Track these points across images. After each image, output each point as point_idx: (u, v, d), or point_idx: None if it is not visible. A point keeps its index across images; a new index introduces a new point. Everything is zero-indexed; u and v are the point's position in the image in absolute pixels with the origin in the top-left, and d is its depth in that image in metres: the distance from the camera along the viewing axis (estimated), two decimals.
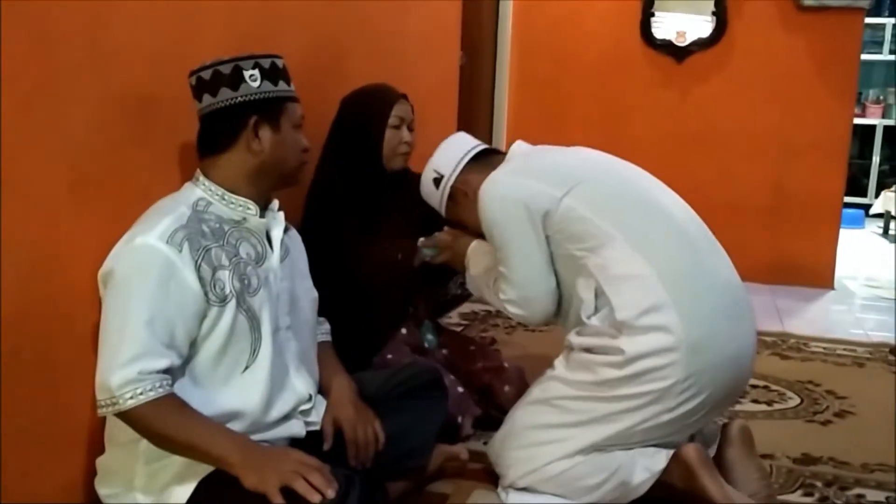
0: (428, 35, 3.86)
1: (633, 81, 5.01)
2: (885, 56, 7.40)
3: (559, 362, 2.16)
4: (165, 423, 1.57)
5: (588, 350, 2.06)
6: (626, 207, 2.14)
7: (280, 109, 1.81)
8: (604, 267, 2.05)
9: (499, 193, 2.15)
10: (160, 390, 1.56)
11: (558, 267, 2.16)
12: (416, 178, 2.59)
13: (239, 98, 1.77)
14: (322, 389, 1.97)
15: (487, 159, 2.31)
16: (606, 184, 2.20)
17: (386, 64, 3.25)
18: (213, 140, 1.81)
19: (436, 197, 2.35)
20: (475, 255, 2.35)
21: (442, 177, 2.31)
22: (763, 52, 4.71)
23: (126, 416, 1.57)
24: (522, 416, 2.17)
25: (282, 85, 1.82)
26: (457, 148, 2.36)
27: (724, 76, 4.81)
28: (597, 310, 2.07)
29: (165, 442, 1.59)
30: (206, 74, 1.78)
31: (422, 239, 2.45)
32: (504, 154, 2.34)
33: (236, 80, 1.77)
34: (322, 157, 2.57)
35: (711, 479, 1.94)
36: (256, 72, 1.78)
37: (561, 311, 2.21)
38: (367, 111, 2.55)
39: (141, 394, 1.54)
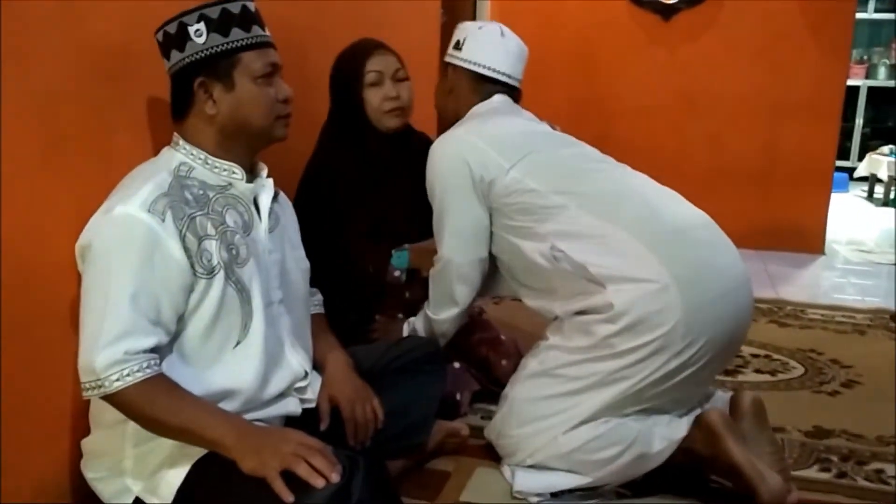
0: None
1: (619, 41, 4.90)
2: (870, 15, 7.33)
3: (552, 331, 2.09)
4: (155, 406, 1.47)
5: (580, 313, 1.99)
6: (575, 176, 2.13)
7: (231, 63, 1.63)
8: (557, 232, 2.03)
9: (448, 150, 2.18)
10: (148, 371, 1.46)
11: (509, 238, 2.14)
12: (419, 137, 2.45)
13: (186, 59, 1.63)
14: (316, 365, 1.88)
15: (486, 87, 2.32)
16: (555, 156, 2.20)
17: (366, 22, 3.14)
18: (175, 105, 1.69)
19: (448, 50, 2.39)
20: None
21: (460, 50, 2.35)
22: (754, 9, 4.61)
23: (113, 400, 1.47)
24: (522, 390, 2.08)
25: (236, 34, 1.63)
26: (497, 58, 2.35)
27: (713, 35, 4.71)
28: (557, 272, 2.02)
29: (156, 425, 1.50)
30: (160, 35, 1.66)
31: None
32: (509, 104, 2.33)
33: (182, 38, 1.62)
34: (323, 128, 2.43)
35: (736, 443, 1.89)
36: (202, 25, 1.61)
37: (504, 282, 2.27)
38: (343, 73, 2.38)
39: (128, 375, 1.44)
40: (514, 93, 2.36)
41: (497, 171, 2.10)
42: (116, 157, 1.74)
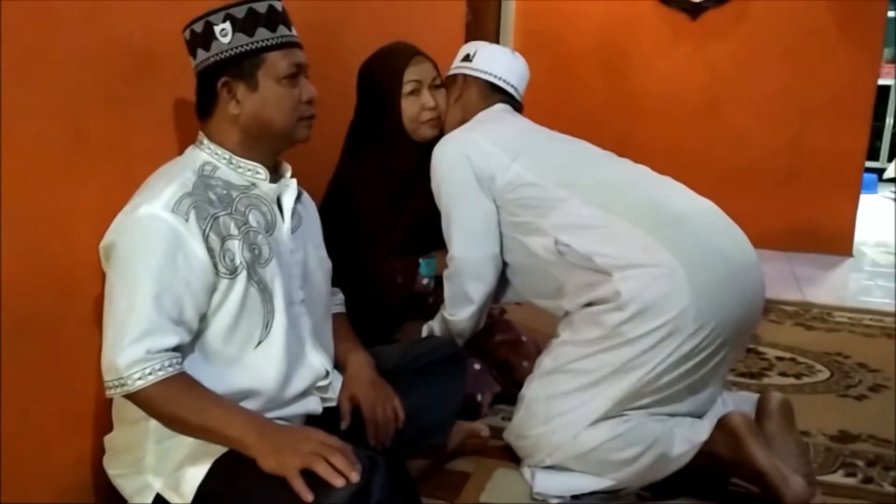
0: None
1: (644, 39, 4.86)
2: None
3: (562, 327, 2.10)
4: (177, 404, 1.48)
5: (588, 304, 1.99)
6: (576, 168, 2.17)
7: (256, 64, 1.63)
8: (560, 225, 2.04)
9: (449, 149, 2.20)
10: (170, 369, 1.47)
11: (514, 237, 2.16)
12: None
13: (211, 58, 1.63)
14: (338, 364, 1.88)
15: (494, 97, 2.36)
16: (555, 150, 2.23)
17: (392, 20, 3.14)
18: (200, 104, 1.70)
19: (454, 63, 2.42)
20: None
21: (470, 62, 2.37)
22: (782, 7, 4.55)
23: (135, 398, 1.48)
24: (537, 389, 2.07)
25: (261, 34, 1.62)
26: (508, 71, 2.39)
27: (740, 33, 4.66)
28: (563, 266, 2.03)
29: (178, 424, 1.51)
30: (187, 33, 1.66)
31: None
32: (511, 110, 2.38)
33: (208, 37, 1.63)
34: (349, 133, 2.40)
35: (759, 447, 1.87)
36: (227, 25, 1.61)
37: (516, 284, 2.27)
38: (379, 80, 2.31)
39: (150, 374, 1.45)
40: (517, 106, 2.42)
41: (498, 165, 2.13)
42: (141, 157, 1.74)
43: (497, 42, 4.98)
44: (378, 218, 2.31)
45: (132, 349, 1.44)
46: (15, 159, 1.49)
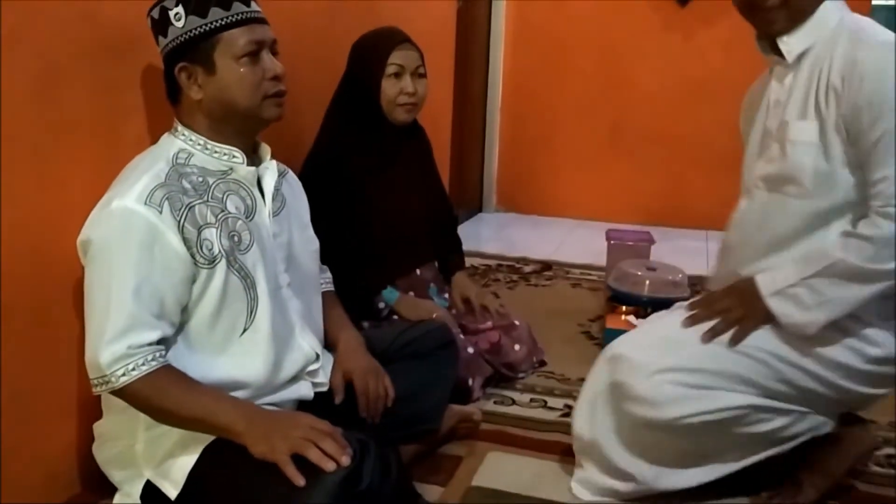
0: None
1: (634, 26, 4.85)
2: (889, 1, 7.22)
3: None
4: (163, 397, 1.48)
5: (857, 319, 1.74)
6: None
7: (211, 45, 1.57)
8: None
9: None
10: (153, 363, 1.47)
11: None
12: (422, 131, 2.48)
13: (169, 44, 1.61)
14: (328, 344, 1.88)
15: None
16: None
17: (383, 4, 3.15)
18: (168, 91, 1.67)
19: None
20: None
21: None
22: None
23: (121, 394, 1.48)
24: (691, 341, 1.78)
25: (215, 13, 1.57)
26: None
27: (729, 20, 4.54)
28: None
29: (166, 416, 1.51)
30: (149, 21, 1.64)
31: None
32: None
33: (165, 23, 1.60)
34: (331, 103, 2.43)
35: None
36: (180, 8, 1.57)
37: None
38: (365, 59, 2.38)
39: (133, 370, 1.45)
40: None
41: None
42: (126, 141, 1.74)
43: (489, 30, 4.99)
44: (356, 183, 2.35)
45: (114, 346, 1.44)
46: (2, 145, 1.48)
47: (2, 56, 1.47)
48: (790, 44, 1.78)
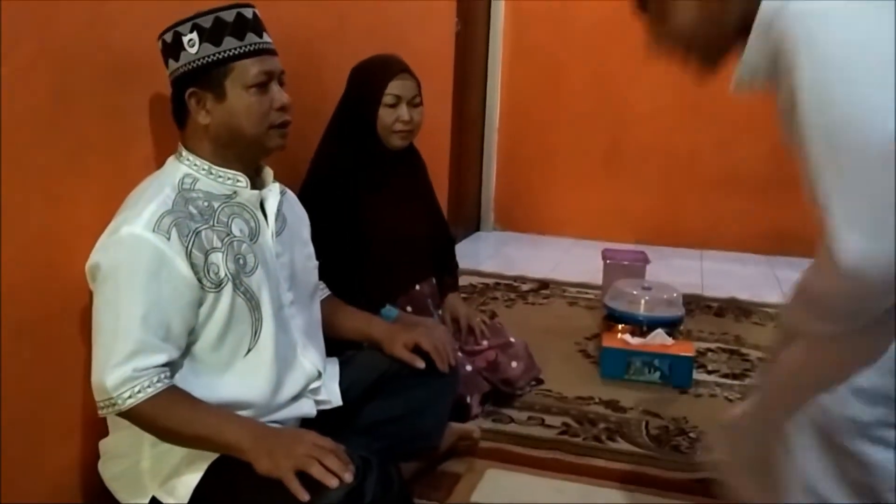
0: (424, 1, 3.79)
1: (630, 47, 4.84)
2: None
3: None
4: (169, 418, 1.50)
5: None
6: None
7: (223, 73, 1.60)
8: None
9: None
10: (159, 385, 1.49)
11: None
12: (418, 154, 2.52)
13: (180, 69, 1.63)
14: (356, 338, 1.98)
15: None
16: None
17: (384, 28, 3.18)
18: (175, 114, 1.69)
19: None
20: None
21: None
22: None
23: (128, 416, 1.50)
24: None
25: (229, 42, 1.59)
26: None
27: None
28: None
29: (172, 436, 1.53)
30: (160, 43, 1.66)
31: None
32: None
33: (177, 48, 1.62)
34: (328, 126, 2.46)
35: None
36: (194, 35, 1.59)
37: None
38: (363, 87, 2.42)
39: (139, 392, 1.47)
40: None
41: None
42: (133, 164, 1.76)
43: (486, 53, 5.04)
44: (353, 201, 2.38)
45: (120, 369, 1.45)
46: (14, 166, 1.50)
47: (13, 81, 1.49)
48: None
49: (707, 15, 1.34)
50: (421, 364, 1.86)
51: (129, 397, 1.46)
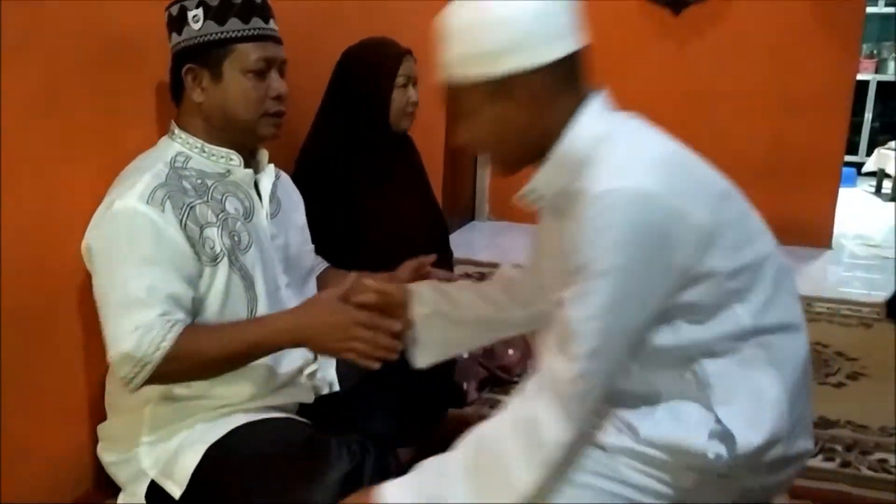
0: None
1: (628, 34, 4.88)
2: (881, 9, 7.28)
3: None
4: (211, 346, 1.49)
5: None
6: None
7: (223, 54, 1.58)
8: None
9: (643, 205, 1.26)
10: (177, 327, 1.46)
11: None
12: (414, 144, 2.51)
13: (182, 43, 1.61)
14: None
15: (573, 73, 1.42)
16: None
17: (378, 14, 3.16)
18: (172, 88, 1.67)
19: (465, 59, 1.42)
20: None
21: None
22: (763, 4, 4.59)
23: (162, 370, 1.45)
24: None
25: (233, 24, 1.58)
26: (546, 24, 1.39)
27: (723, 29, 4.69)
28: None
29: (219, 365, 1.52)
30: (166, 15, 1.64)
31: None
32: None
33: (182, 21, 1.60)
34: (321, 111, 2.41)
35: None
36: (199, 11, 1.57)
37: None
38: (374, 69, 2.35)
39: (163, 341, 1.44)
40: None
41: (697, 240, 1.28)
42: (129, 147, 1.74)
43: None
44: (358, 189, 2.35)
45: (135, 333, 1.42)
46: (5, 152, 1.50)
47: (6, 64, 1.49)
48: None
49: (510, 129, 1.42)
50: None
51: (156, 350, 1.43)
